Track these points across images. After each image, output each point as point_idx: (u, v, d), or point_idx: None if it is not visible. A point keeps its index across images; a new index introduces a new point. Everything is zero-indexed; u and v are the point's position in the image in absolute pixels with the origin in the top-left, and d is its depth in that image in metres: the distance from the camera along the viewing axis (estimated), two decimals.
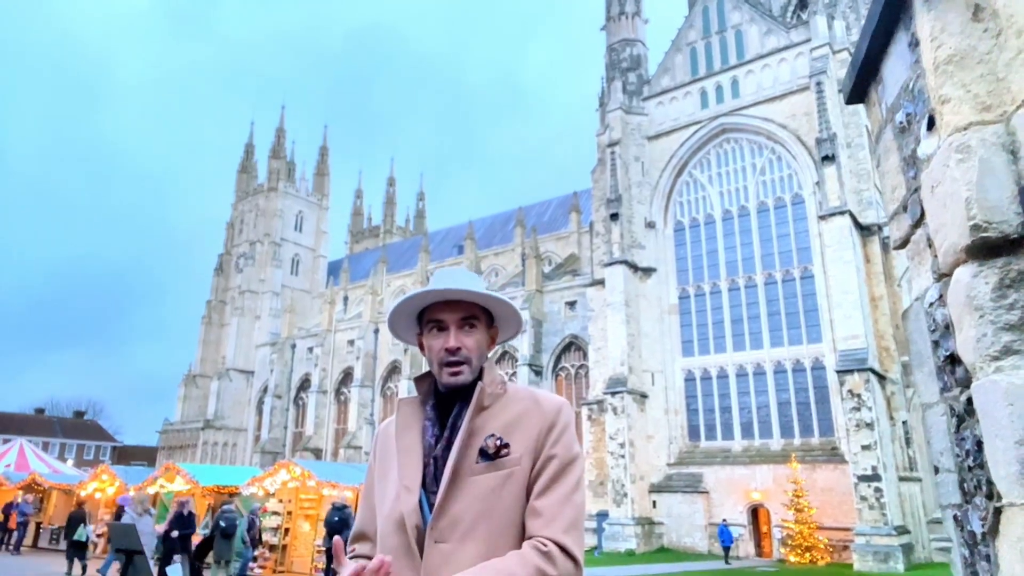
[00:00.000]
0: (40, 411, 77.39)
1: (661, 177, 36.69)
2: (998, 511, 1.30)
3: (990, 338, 1.30)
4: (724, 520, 28.86)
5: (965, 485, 1.47)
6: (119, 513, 17.36)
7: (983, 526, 1.37)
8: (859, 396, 26.39)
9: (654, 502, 31.96)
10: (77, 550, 16.25)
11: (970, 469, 1.43)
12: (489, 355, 1.75)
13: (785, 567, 25.55)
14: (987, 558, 1.37)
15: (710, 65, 36.81)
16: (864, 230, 30.06)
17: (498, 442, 1.55)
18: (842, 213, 29.03)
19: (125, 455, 71.87)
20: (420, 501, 1.56)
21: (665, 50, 38.86)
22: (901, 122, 1.67)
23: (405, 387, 47.40)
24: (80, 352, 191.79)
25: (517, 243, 53.63)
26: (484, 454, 1.55)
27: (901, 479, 27.10)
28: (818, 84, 31.08)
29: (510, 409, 1.63)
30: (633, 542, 29.83)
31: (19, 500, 21.93)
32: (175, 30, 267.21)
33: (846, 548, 26.03)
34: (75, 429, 75.86)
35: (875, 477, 25.52)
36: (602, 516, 31.66)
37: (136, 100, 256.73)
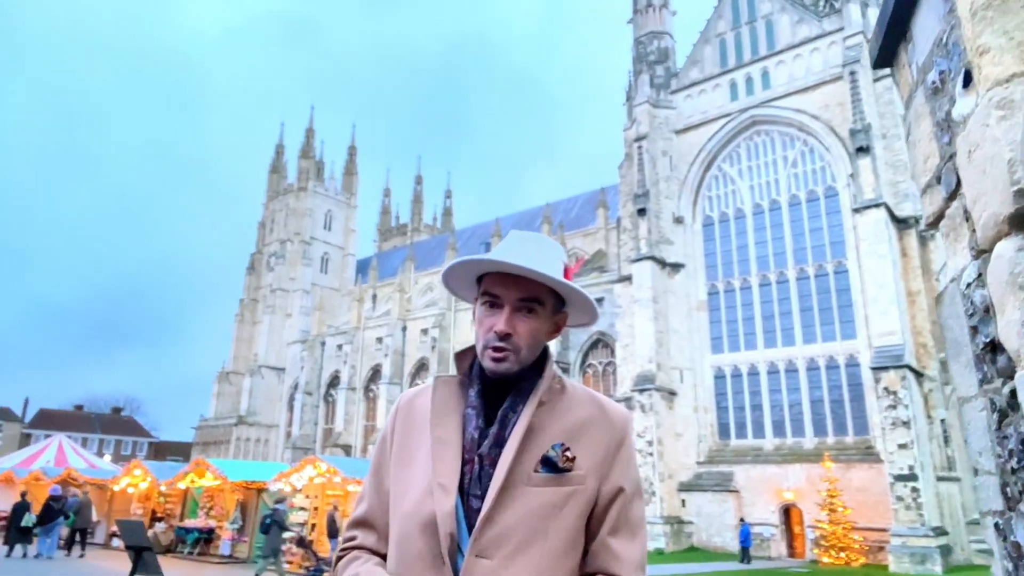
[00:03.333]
0: (79, 408, 79.52)
1: (689, 171, 36.15)
2: None
3: None
4: (742, 519, 28.38)
5: (1008, 489, 1.29)
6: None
7: None
8: (895, 394, 25.67)
9: (683, 501, 31.55)
10: (23, 536, 17.79)
11: (1014, 471, 1.25)
12: (550, 343, 1.49)
13: (818, 568, 24.99)
14: None
15: (740, 56, 36.14)
16: (900, 223, 29.21)
17: (567, 453, 1.35)
18: (877, 206, 28.26)
19: (161, 451, 73.52)
20: (455, 505, 1.33)
21: (693, 42, 38.29)
22: (933, 82, 1.49)
23: None
24: (120, 350, 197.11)
25: None
26: (548, 464, 1.34)
27: (939, 479, 26.31)
28: (852, 73, 30.27)
29: (573, 412, 1.42)
30: (662, 541, 29.48)
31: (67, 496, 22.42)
32: (272, 44, 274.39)
33: (881, 549, 25.36)
34: (113, 425, 77.82)
35: (912, 477, 24.81)
36: None
37: (228, 110, 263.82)
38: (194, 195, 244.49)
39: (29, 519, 17.98)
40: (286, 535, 15.06)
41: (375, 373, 54.54)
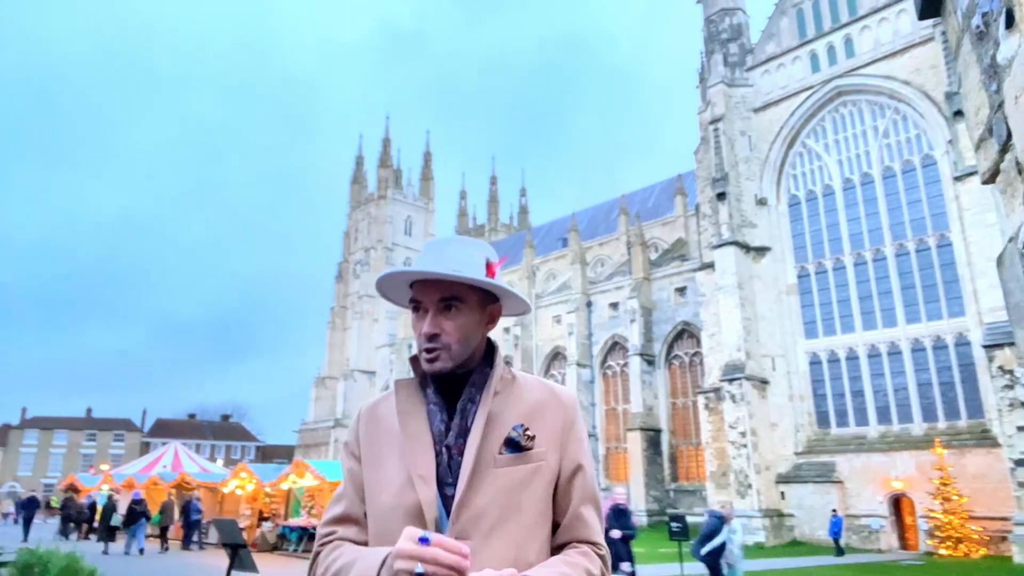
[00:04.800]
0: (192, 416, 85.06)
1: (771, 150, 34.71)
2: None
3: None
4: (834, 511, 26.93)
5: None
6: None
7: None
8: (1011, 372, 23.68)
9: (782, 493, 30.35)
10: (111, 534, 21.15)
11: None
12: (488, 335, 1.59)
13: (934, 560, 23.45)
14: None
15: (819, 25, 34.37)
16: None
17: (528, 432, 1.45)
18: None
19: (267, 454, 77.63)
20: (435, 493, 1.43)
21: (768, 15, 36.72)
22: (978, 26, 1.37)
23: None
24: (229, 361, 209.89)
25: (621, 232, 52.65)
26: (512, 444, 1.44)
27: None
28: (944, 33, 28.16)
29: (526, 397, 1.53)
30: (761, 535, 28.48)
31: (193, 499, 24.16)
32: (382, 60, 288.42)
33: (1004, 539, 23.50)
34: (222, 431, 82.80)
35: None
36: None
37: (333, 124, 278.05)
38: (300, 209, 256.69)
39: (116, 519, 20.90)
40: None
41: None
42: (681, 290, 41.26)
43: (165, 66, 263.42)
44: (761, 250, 33.60)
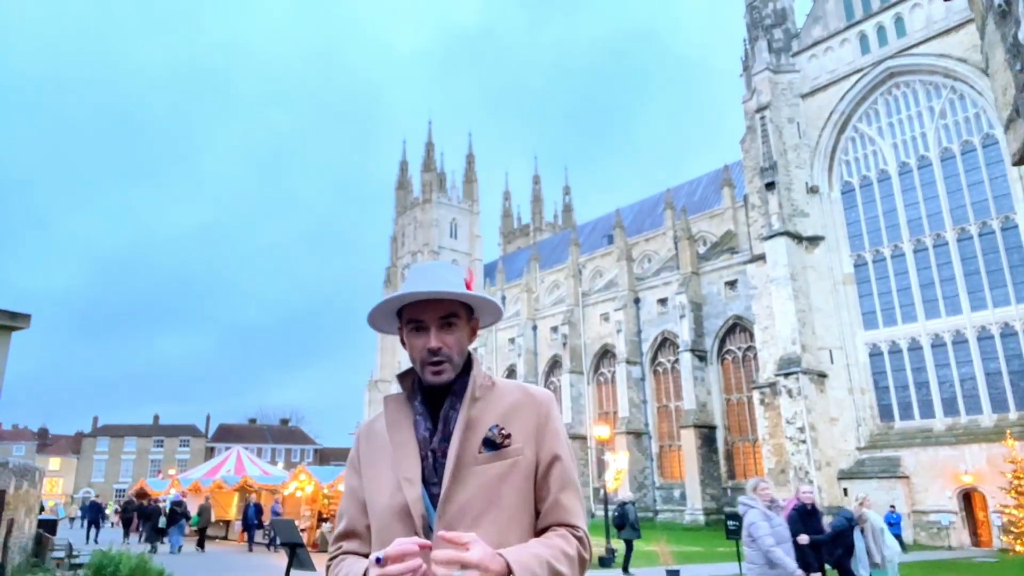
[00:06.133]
0: (252, 421, 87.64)
1: (821, 136, 33.74)
2: None
3: None
4: (892, 507, 25.89)
5: None
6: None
7: None
8: None
9: (845, 490, 29.43)
10: (158, 534, 22.75)
11: None
12: (471, 347, 1.75)
13: (1008, 557, 22.39)
14: None
15: (867, 6, 33.24)
16: None
17: (502, 432, 1.60)
18: None
19: (325, 456, 79.36)
20: (421, 492, 1.59)
21: None
22: (999, 5, 1.33)
23: (567, 380, 47.76)
24: (290, 366, 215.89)
25: (668, 226, 51.95)
26: (489, 443, 1.59)
27: None
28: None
29: (503, 400, 1.67)
30: None
31: (274, 501, 25.04)
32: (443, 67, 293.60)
33: None
34: (282, 435, 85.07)
35: None
36: None
37: (399, 129, 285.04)
38: (362, 213, 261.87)
39: (162, 521, 22.59)
40: None
41: (510, 373, 55.60)
42: (731, 283, 40.46)
43: (240, 82, 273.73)
44: (814, 240, 32.69)
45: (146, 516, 24.41)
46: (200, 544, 22.65)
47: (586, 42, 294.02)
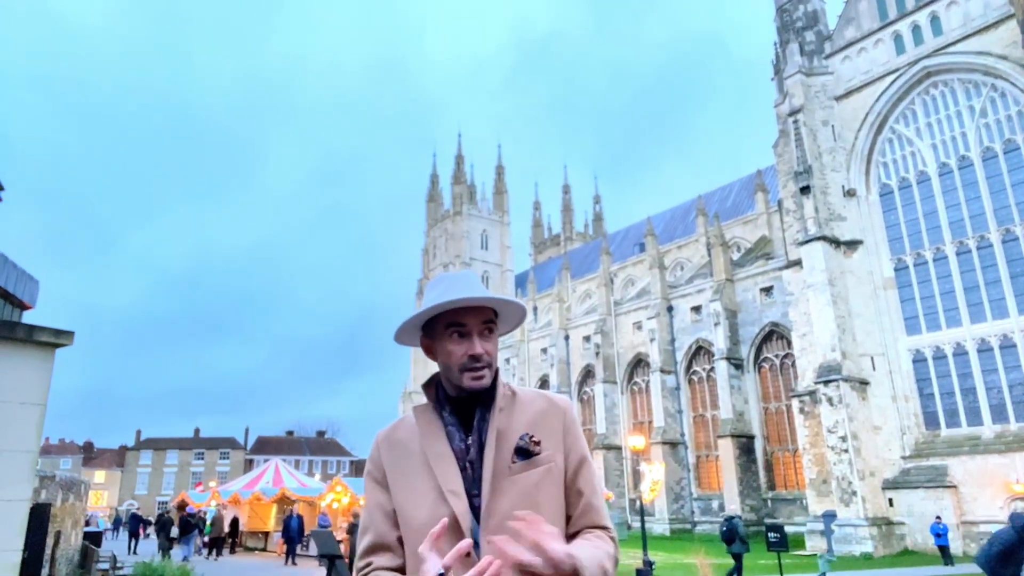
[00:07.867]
0: (290, 433, 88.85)
1: (857, 138, 33.09)
2: None
3: None
4: (937, 518, 24.97)
5: None
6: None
7: None
8: None
9: (890, 500, 28.61)
10: (171, 543, 23.71)
11: None
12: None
13: None
14: None
15: (901, 5, 32.60)
16: None
17: (534, 439, 1.63)
18: None
19: (360, 468, 80.00)
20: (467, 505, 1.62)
21: (844, 0, 35.16)
22: None
23: (600, 390, 47.42)
24: (329, 378, 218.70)
25: (700, 233, 51.44)
26: (521, 452, 1.61)
27: None
28: None
29: (529, 409, 1.70)
30: (869, 544, 26.92)
31: (320, 512, 25.61)
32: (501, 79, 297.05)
33: None
34: (318, 447, 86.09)
35: None
36: (829, 517, 28.94)
37: (454, 139, 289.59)
38: (412, 225, 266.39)
39: (174, 531, 23.82)
40: None
41: (543, 383, 55.48)
42: (767, 290, 39.82)
43: (301, 96, 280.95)
44: (852, 244, 32.00)
45: (160, 526, 25.54)
46: (211, 551, 23.91)
47: (650, 47, 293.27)
